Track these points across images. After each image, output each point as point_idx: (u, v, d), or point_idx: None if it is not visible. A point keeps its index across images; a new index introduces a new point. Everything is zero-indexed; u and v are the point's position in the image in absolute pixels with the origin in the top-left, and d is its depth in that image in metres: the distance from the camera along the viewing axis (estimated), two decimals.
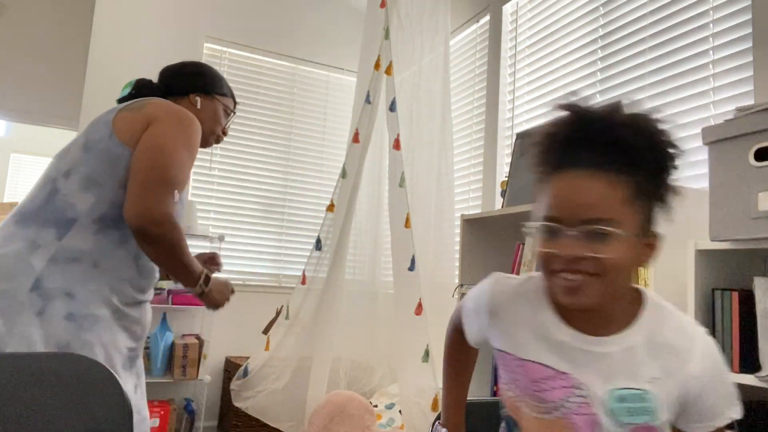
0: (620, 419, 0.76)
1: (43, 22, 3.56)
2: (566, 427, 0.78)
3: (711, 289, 1.43)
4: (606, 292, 0.75)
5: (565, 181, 0.76)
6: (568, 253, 0.73)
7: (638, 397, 0.76)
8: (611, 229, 0.72)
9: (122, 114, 1.36)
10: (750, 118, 1.30)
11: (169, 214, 1.27)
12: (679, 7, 2.09)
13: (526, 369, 0.82)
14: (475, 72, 3.30)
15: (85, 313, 1.24)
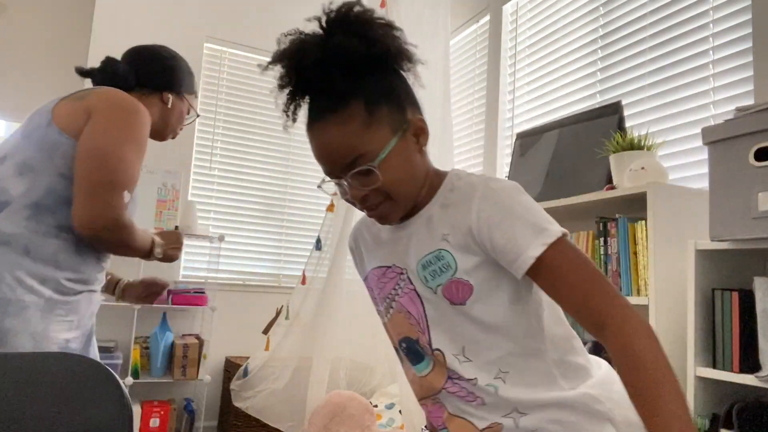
0: (429, 284, 0.81)
1: (43, 22, 3.56)
2: (401, 312, 0.85)
3: (711, 289, 1.43)
4: (405, 201, 0.83)
5: (312, 140, 0.82)
6: (355, 196, 0.81)
7: (436, 258, 0.81)
8: (367, 166, 0.78)
9: (63, 102, 1.33)
10: (750, 118, 1.31)
11: (119, 218, 1.26)
12: (679, 7, 2.09)
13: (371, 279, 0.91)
14: (475, 72, 3.30)
15: (10, 299, 1.19)
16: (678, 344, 1.52)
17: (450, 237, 0.81)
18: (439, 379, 0.84)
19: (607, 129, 2.03)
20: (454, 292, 0.80)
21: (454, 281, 0.80)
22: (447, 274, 0.80)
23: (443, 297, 0.81)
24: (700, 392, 1.40)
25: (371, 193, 0.80)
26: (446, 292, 0.80)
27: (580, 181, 2.07)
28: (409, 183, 0.83)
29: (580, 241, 1.94)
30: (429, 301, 0.82)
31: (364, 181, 0.79)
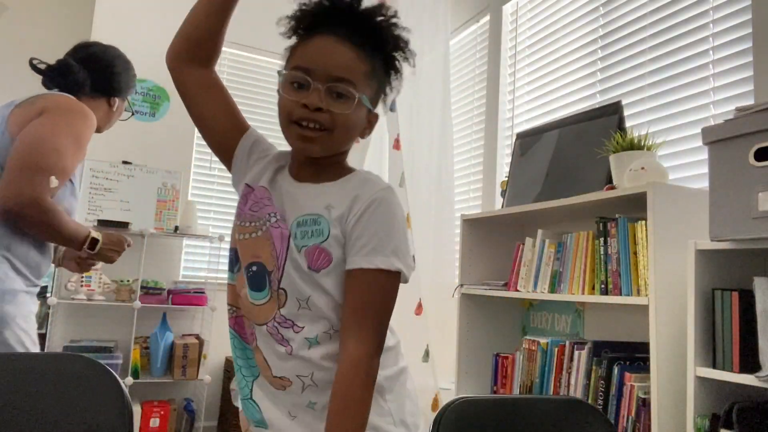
0: (298, 242, 0.85)
1: (43, 22, 3.56)
2: (267, 239, 0.88)
3: (711, 289, 1.43)
4: (332, 146, 0.88)
5: (320, 41, 0.86)
6: (313, 102, 0.83)
7: (313, 221, 0.86)
8: (352, 90, 0.84)
9: (16, 110, 1.42)
10: (750, 118, 1.31)
11: (40, 198, 1.33)
12: (679, 7, 2.09)
13: (254, 192, 0.93)
14: (475, 72, 3.30)
15: (5, 289, 1.33)
16: (678, 344, 1.52)
17: (333, 209, 0.86)
18: (267, 315, 0.87)
19: (607, 129, 2.03)
20: (314, 258, 0.85)
21: (318, 248, 0.85)
22: (316, 239, 0.85)
23: (305, 259, 0.85)
24: (700, 392, 1.40)
25: (327, 113, 0.84)
26: (308, 254, 0.85)
27: (580, 181, 2.07)
28: (347, 138, 0.90)
29: (580, 241, 1.94)
30: (292, 253, 0.86)
31: (334, 102, 0.84)
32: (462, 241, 2.49)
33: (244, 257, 0.91)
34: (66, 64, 1.56)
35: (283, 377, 0.87)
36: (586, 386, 1.84)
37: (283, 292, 0.86)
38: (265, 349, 0.88)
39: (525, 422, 1.12)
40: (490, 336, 2.45)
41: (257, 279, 0.88)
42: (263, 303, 0.87)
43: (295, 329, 0.86)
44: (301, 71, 0.85)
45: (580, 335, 2.20)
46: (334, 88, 0.84)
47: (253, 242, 0.90)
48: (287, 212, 0.88)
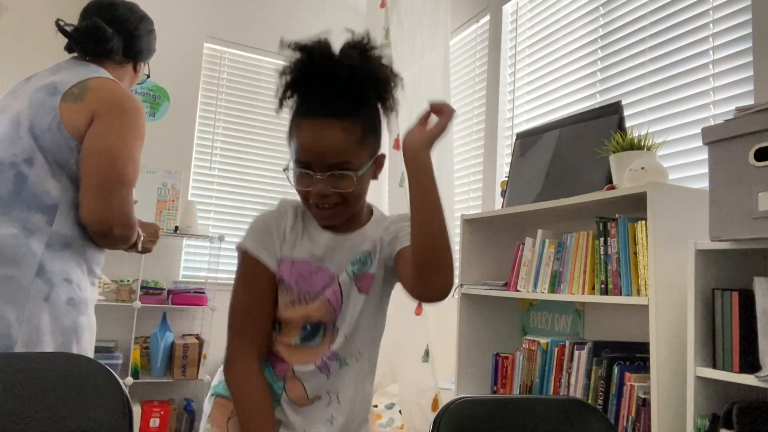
0: (350, 273, 1.00)
1: (43, 22, 3.56)
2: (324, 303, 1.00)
3: (711, 289, 1.43)
4: (349, 212, 1.00)
5: (309, 131, 0.94)
6: (320, 191, 0.94)
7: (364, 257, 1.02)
8: (349, 172, 0.94)
9: (66, 104, 1.32)
10: (750, 118, 1.31)
11: (131, 216, 1.33)
12: (679, 7, 2.09)
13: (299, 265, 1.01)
14: (475, 72, 3.30)
15: (81, 297, 1.29)
16: (678, 344, 1.52)
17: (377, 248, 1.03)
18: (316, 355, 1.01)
19: (607, 129, 2.03)
20: (363, 282, 1.01)
21: (365, 275, 1.01)
22: (365, 267, 1.01)
23: (354, 284, 1.01)
24: (700, 392, 1.40)
25: (334, 194, 0.95)
26: (358, 280, 1.01)
27: (580, 181, 2.07)
28: (362, 198, 1.02)
29: (580, 241, 1.94)
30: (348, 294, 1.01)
31: (337, 183, 0.94)
32: (462, 241, 2.49)
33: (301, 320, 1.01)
34: (99, 28, 1.44)
35: (317, 396, 1.01)
36: (586, 386, 1.84)
37: (336, 330, 1.01)
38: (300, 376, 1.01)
39: (525, 422, 1.12)
40: (490, 336, 2.45)
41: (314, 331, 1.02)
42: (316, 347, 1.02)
43: (337, 359, 1.01)
44: (302, 165, 0.95)
45: (580, 335, 2.20)
46: (335, 174, 0.94)
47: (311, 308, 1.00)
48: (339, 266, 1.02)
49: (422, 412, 2.52)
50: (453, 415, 1.06)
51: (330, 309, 1.00)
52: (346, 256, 1.02)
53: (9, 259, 1.19)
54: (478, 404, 1.11)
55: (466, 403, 1.08)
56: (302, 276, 1.00)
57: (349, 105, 0.94)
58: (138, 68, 1.57)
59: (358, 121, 0.95)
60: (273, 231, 1.02)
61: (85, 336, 1.31)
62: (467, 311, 2.44)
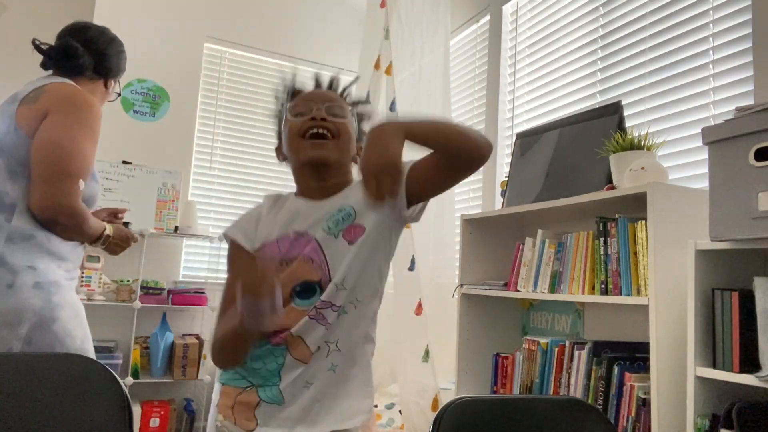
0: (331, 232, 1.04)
1: (43, 22, 3.56)
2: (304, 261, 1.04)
3: (711, 289, 1.43)
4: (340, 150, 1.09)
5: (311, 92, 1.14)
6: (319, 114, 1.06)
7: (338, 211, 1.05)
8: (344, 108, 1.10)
9: (22, 108, 1.44)
10: (750, 118, 1.31)
11: (76, 206, 1.40)
12: (679, 7, 2.09)
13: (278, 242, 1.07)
14: (475, 72, 3.30)
15: (49, 281, 1.38)
16: (678, 344, 1.52)
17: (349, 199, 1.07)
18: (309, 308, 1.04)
19: (607, 129, 2.03)
20: (351, 234, 1.04)
21: (352, 226, 1.05)
22: (348, 220, 1.05)
23: (343, 239, 1.04)
24: (700, 392, 1.40)
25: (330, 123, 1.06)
26: (346, 234, 1.05)
27: (580, 181, 2.07)
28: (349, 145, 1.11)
29: (580, 241, 1.94)
30: (328, 247, 1.04)
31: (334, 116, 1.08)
32: (462, 241, 2.49)
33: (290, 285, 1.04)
34: (71, 47, 1.57)
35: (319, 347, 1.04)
36: (586, 386, 1.84)
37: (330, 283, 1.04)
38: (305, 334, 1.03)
39: (525, 422, 1.12)
40: (490, 336, 2.45)
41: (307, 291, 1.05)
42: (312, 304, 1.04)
43: (333, 308, 1.04)
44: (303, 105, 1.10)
45: (580, 335, 2.20)
46: (330, 109, 1.08)
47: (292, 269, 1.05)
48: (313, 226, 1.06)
49: (422, 412, 2.52)
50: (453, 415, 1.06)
51: (314, 266, 1.04)
52: (323, 216, 1.06)
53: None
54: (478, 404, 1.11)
55: (466, 403, 1.08)
56: (287, 248, 1.07)
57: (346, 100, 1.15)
58: (108, 85, 1.70)
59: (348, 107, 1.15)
60: (250, 216, 1.12)
61: (64, 313, 1.39)
62: (467, 311, 2.44)
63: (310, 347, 1.04)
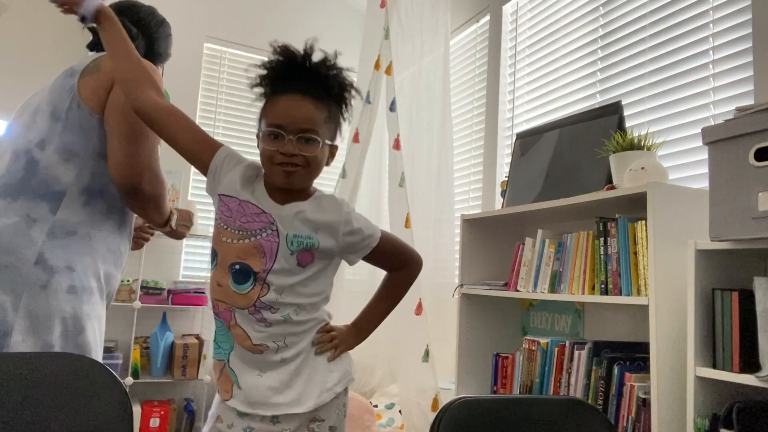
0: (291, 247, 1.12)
1: (43, 22, 3.56)
2: (255, 247, 1.12)
3: (711, 289, 1.43)
4: (308, 178, 1.15)
5: (286, 100, 1.11)
6: (288, 150, 1.09)
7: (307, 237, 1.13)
8: (316, 137, 1.11)
9: (84, 81, 1.32)
10: (750, 118, 1.31)
11: (159, 171, 1.33)
12: (679, 7, 2.09)
13: (242, 206, 1.14)
14: (475, 72, 3.30)
15: (83, 286, 1.26)
16: (678, 344, 1.52)
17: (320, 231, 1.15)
18: (248, 301, 1.12)
19: (607, 129, 2.03)
20: (305, 259, 1.14)
21: (308, 252, 1.14)
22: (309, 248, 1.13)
23: (295, 258, 1.13)
24: (700, 392, 1.40)
25: (299, 157, 1.09)
26: (300, 256, 1.13)
27: (580, 181, 2.07)
28: (318, 171, 1.16)
29: (580, 241, 1.94)
30: (284, 255, 1.12)
31: (304, 147, 1.10)
32: (462, 241, 2.49)
33: (227, 257, 1.13)
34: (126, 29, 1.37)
35: (261, 344, 1.13)
36: (586, 386, 1.84)
37: (266, 285, 1.11)
38: (245, 326, 1.13)
39: (525, 422, 1.12)
40: (490, 336, 2.45)
41: (242, 274, 1.12)
42: (246, 292, 1.12)
43: (272, 310, 1.12)
44: (275, 127, 1.10)
45: (580, 335, 2.20)
46: (303, 137, 1.10)
47: (240, 247, 1.12)
48: (284, 224, 1.13)
49: (422, 412, 2.52)
50: (453, 415, 1.06)
51: (259, 256, 1.11)
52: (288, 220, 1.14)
53: (6, 248, 1.19)
54: (478, 404, 1.11)
55: (466, 403, 1.08)
56: (244, 214, 1.13)
57: (321, 93, 1.13)
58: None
59: (325, 107, 1.14)
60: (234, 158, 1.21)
61: (90, 325, 1.27)
62: (467, 311, 2.44)
63: (255, 342, 1.12)
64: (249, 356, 1.14)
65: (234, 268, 1.12)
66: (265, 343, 1.13)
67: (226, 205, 1.15)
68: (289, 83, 1.12)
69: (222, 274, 1.14)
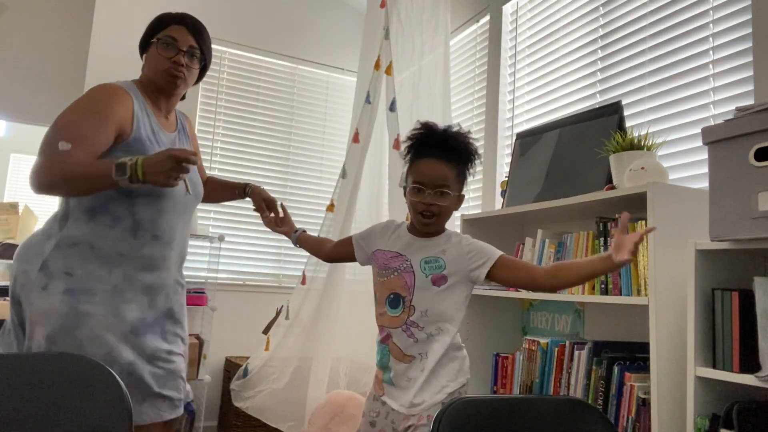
0: (425, 272, 1.44)
1: (43, 22, 3.56)
2: (399, 279, 1.46)
3: (711, 289, 1.43)
4: (441, 223, 1.48)
5: (426, 163, 1.43)
6: (427, 202, 1.42)
7: (434, 260, 1.45)
8: (448, 191, 1.42)
9: None
10: (750, 118, 1.31)
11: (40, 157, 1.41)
12: (679, 7, 2.09)
13: (379, 255, 1.52)
14: (475, 72, 3.30)
15: (82, 288, 1.42)
16: (678, 344, 1.52)
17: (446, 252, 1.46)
18: (400, 321, 1.44)
19: (607, 129, 2.03)
20: (438, 280, 1.44)
21: (440, 275, 1.44)
22: (439, 270, 1.44)
23: (430, 281, 1.44)
24: (700, 392, 1.40)
25: (435, 207, 1.42)
26: (434, 278, 1.44)
27: (580, 181, 2.07)
28: (448, 217, 1.49)
29: (580, 241, 1.94)
30: (420, 280, 1.44)
31: (438, 198, 1.42)
32: None
33: (387, 291, 1.47)
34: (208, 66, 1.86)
35: (410, 355, 1.43)
36: (586, 386, 1.84)
37: (412, 307, 1.43)
38: (398, 341, 1.45)
39: (525, 422, 1.12)
40: (490, 336, 2.45)
41: (395, 302, 1.46)
42: (398, 315, 1.45)
43: (418, 327, 1.43)
44: (419, 184, 1.42)
45: (580, 335, 2.20)
46: (439, 191, 1.41)
47: (390, 281, 1.47)
48: (414, 256, 1.46)
49: None
50: (453, 415, 1.06)
51: (404, 285, 1.45)
52: (420, 251, 1.47)
53: (26, 258, 1.47)
54: (478, 404, 1.11)
55: (466, 403, 1.09)
56: (386, 259, 1.50)
57: (453, 157, 1.44)
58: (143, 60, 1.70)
59: (455, 167, 1.44)
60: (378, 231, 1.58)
61: (91, 322, 1.40)
62: (467, 311, 2.43)
63: (406, 353, 1.44)
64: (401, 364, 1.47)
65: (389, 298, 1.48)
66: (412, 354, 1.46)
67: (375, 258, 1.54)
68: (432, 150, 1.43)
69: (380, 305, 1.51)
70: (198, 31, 1.73)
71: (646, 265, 1.62)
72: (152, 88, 1.62)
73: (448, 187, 1.41)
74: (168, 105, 1.68)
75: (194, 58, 1.68)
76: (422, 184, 1.41)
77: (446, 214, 1.46)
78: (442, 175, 1.41)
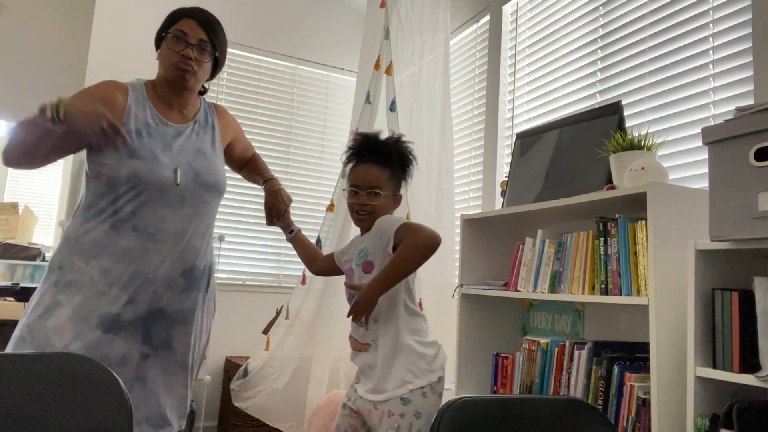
0: (357, 264, 1.56)
1: (43, 22, 3.56)
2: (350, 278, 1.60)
3: (711, 289, 1.43)
4: (373, 220, 1.54)
5: (361, 167, 1.58)
6: (360, 203, 1.56)
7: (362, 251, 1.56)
8: (380, 191, 1.55)
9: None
10: (750, 118, 1.31)
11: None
12: (679, 7, 2.09)
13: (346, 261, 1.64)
14: (475, 72, 3.30)
15: (65, 281, 1.46)
16: (678, 344, 1.52)
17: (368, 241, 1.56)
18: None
19: (607, 129, 2.03)
20: (366, 267, 1.54)
21: (366, 261, 1.54)
22: (364, 257, 1.55)
23: (361, 270, 1.55)
24: (700, 392, 1.40)
25: (368, 206, 1.55)
26: (363, 267, 1.55)
27: (580, 181, 2.07)
28: (385, 213, 1.57)
29: (580, 241, 1.94)
30: (357, 272, 1.56)
31: (373, 198, 1.55)
32: (462, 241, 2.49)
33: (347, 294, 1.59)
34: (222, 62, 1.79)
35: (365, 343, 1.54)
36: (586, 386, 1.84)
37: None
38: (354, 333, 1.59)
39: (525, 422, 1.12)
40: (490, 336, 2.45)
41: (350, 299, 1.55)
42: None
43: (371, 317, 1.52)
44: (354, 187, 1.57)
45: (580, 335, 2.20)
46: (372, 192, 1.55)
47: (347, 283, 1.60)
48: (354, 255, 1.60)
49: None
50: (453, 415, 1.06)
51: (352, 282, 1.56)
52: (357, 248, 1.60)
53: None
54: (478, 404, 1.11)
55: (466, 403, 1.09)
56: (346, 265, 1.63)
57: (385, 160, 1.57)
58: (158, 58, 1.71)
59: (387, 170, 1.57)
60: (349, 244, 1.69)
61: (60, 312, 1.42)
62: (467, 311, 2.44)
63: (362, 342, 1.55)
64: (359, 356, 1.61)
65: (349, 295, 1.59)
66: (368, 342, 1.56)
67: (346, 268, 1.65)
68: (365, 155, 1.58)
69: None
70: (209, 25, 1.65)
71: (646, 265, 1.63)
72: (164, 83, 1.62)
73: (380, 188, 1.55)
74: (180, 99, 1.64)
75: (205, 52, 1.62)
76: (357, 187, 1.56)
77: (381, 211, 1.56)
78: (374, 177, 1.55)
